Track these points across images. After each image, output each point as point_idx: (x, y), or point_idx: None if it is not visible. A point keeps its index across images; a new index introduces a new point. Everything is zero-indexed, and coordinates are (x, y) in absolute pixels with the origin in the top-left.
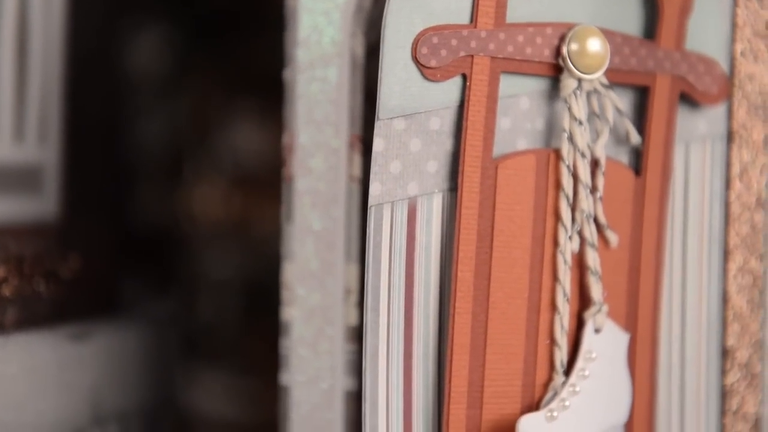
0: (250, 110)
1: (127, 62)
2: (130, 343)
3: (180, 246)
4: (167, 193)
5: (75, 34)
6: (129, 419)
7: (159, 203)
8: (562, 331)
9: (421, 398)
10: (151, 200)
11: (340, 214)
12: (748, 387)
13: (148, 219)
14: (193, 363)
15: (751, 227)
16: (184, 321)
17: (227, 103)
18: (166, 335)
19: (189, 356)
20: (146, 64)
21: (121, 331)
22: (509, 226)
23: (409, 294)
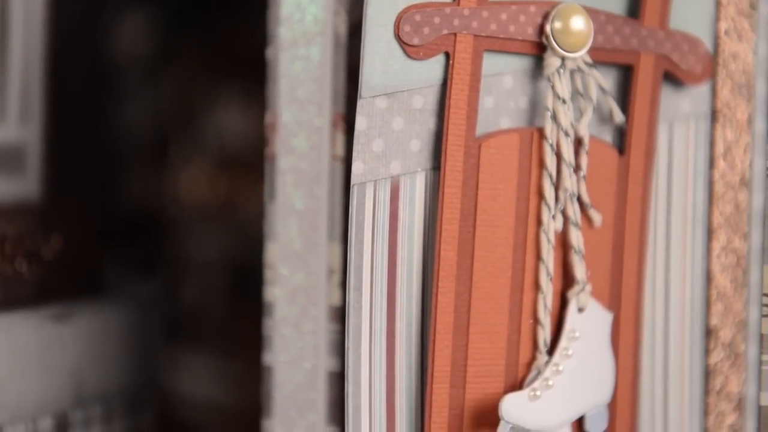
0: (235, 92)
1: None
2: (112, 324)
3: (165, 228)
4: (152, 175)
5: (57, 14)
6: (112, 400)
7: (144, 185)
8: (545, 310)
9: (404, 378)
10: (136, 182)
11: (323, 193)
12: (732, 366)
13: (133, 201)
14: (178, 345)
15: (734, 206)
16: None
17: (212, 85)
18: (149, 316)
19: (174, 338)
20: (130, 45)
21: (103, 312)
22: (492, 205)
23: (392, 273)
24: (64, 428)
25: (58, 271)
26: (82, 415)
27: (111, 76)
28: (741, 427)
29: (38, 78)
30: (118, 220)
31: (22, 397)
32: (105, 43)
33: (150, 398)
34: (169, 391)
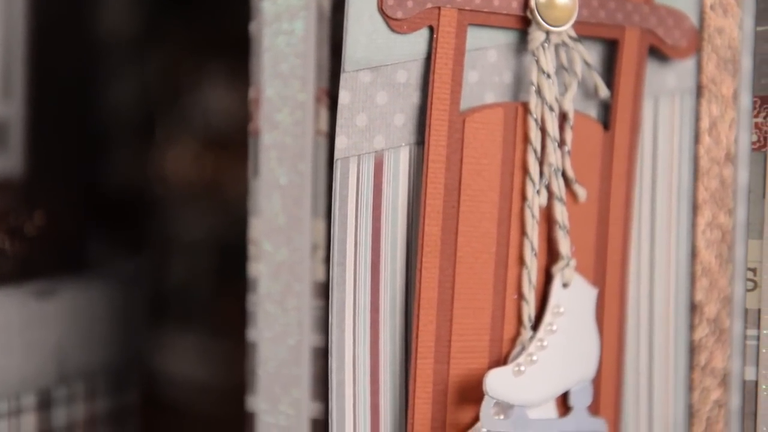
0: (220, 71)
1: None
2: (95, 301)
3: (151, 207)
4: (138, 154)
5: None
6: (95, 378)
7: (130, 164)
8: (529, 285)
9: (388, 353)
10: (122, 161)
11: (306, 168)
12: (717, 342)
13: (119, 179)
14: (164, 325)
15: (720, 182)
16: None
17: (198, 63)
18: (133, 294)
19: (160, 318)
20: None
21: (86, 289)
22: (477, 181)
23: (376, 248)
24: (47, 405)
25: (41, 247)
26: (65, 392)
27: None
28: (726, 402)
29: (20, 54)
30: (103, 198)
31: (5, 373)
32: (89, 21)
33: (134, 376)
34: (156, 371)
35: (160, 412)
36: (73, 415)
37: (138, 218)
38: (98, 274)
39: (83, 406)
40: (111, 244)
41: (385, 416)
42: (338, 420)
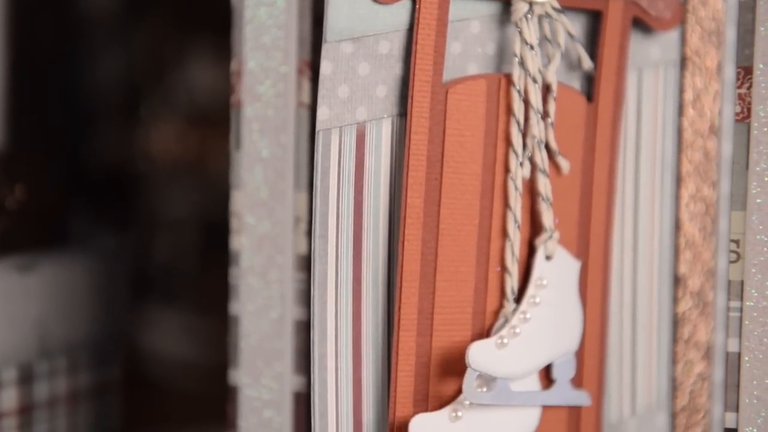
0: (205, 48)
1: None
2: (77, 276)
3: (136, 183)
4: (123, 130)
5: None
6: (77, 352)
7: (115, 141)
8: (512, 258)
9: (370, 326)
10: (106, 137)
11: (289, 141)
12: (700, 315)
13: (103, 156)
14: (149, 301)
15: (704, 155)
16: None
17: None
18: (114, 268)
19: (144, 295)
20: None
21: (68, 263)
22: (459, 152)
23: (358, 221)
24: (28, 379)
25: (22, 221)
26: (46, 366)
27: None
28: (709, 375)
29: (1, 30)
30: (87, 174)
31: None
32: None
33: (116, 351)
34: (140, 347)
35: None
36: (55, 389)
37: (122, 195)
38: (80, 249)
39: (65, 380)
40: (94, 219)
41: (368, 389)
42: (320, 393)
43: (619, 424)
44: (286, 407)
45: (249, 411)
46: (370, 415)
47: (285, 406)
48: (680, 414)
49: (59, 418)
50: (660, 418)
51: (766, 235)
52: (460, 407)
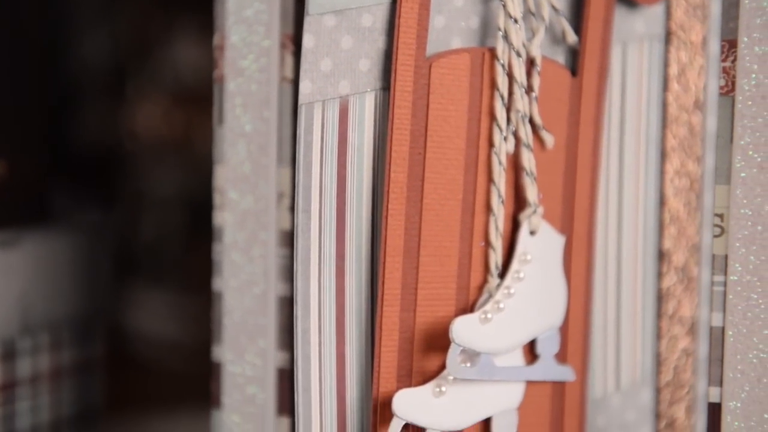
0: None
1: None
2: (60, 252)
3: (122, 162)
4: (109, 109)
5: None
6: (60, 329)
7: (101, 119)
8: (496, 233)
9: (353, 301)
10: (92, 115)
11: (272, 115)
12: (685, 291)
13: (89, 133)
14: (135, 280)
15: (688, 129)
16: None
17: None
18: (98, 245)
19: (130, 274)
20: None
21: (51, 239)
22: (443, 127)
23: (341, 195)
24: (11, 356)
25: (4, 197)
26: (29, 342)
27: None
28: (694, 350)
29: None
30: (72, 151)
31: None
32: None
33: (99, 328)
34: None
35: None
36: (38, 366)
37: (107, 172)
38: (63, 225)
39: (48, 357)
40: (78, 196)
41: (351, 364)
42: (304, 368)
43: (604, 400)
44: (269, 383)
45: (232, 387)
46: (354, 391)
47: (269, 382)
48: (664, 389)
49: (42, 394)
50: (644, 393)
51: (750, 209)
52: (444, 382)
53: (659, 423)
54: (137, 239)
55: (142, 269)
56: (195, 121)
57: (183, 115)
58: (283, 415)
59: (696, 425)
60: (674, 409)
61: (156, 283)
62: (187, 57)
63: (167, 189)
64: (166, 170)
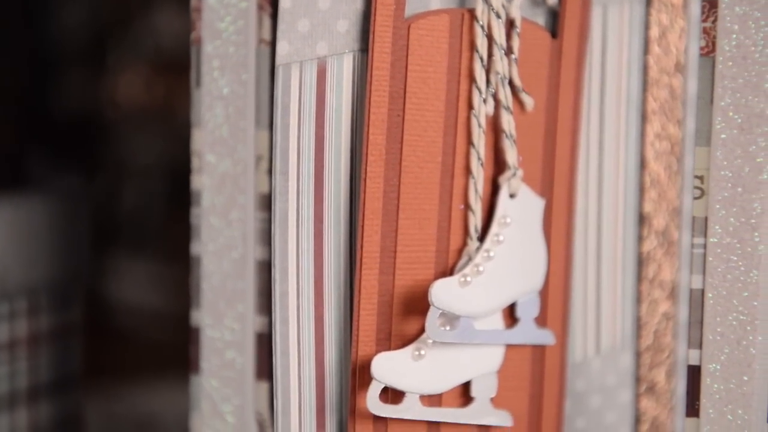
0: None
1: None
2: (38, 217)
3: (103, 131)
4: (90, 77)
5: None
6: (37, 294)
7: (81, 87)
8: (476, 196)
9: (332, 264)
10: (73, 84)
11: (250, 78)
12: (665, 255)
13: (69, 102)
14: (117, 250)
15: (669, 92)
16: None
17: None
18: (75, 211)
19: (112, 243)
20: None
21: (28, 204)
22: (422, 89)
23: (320, 158)
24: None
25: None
26: (7, 308)
27: None
28: (674, 314)
29: None
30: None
31: None
32: None
33: (78, 294)
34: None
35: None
36: (15, 331)
37: (87, 140)
38: (40, 191)
39: (26, 322)
40: (57, 163)
41: (330, 328)
42: (282, 331)
43: (584, 364)
44: (248, 348)
45: (211, 352)
46: (332, 354)
47: (248, 346)
48: (645, 353)
49: (20, 360)
50: (624, 357)
51: (731, 171)
52: (423, 346)
53: (639, 387)
54: (118, 208)
55: (123, 238)
56: (176, 89)
57: (163, 83)
58: (262, 380)
59: (676, 389)
60: (654, 372)
61: (137, 251)
62: (167, 24)
63: (148, 157)
64: (147, 138)
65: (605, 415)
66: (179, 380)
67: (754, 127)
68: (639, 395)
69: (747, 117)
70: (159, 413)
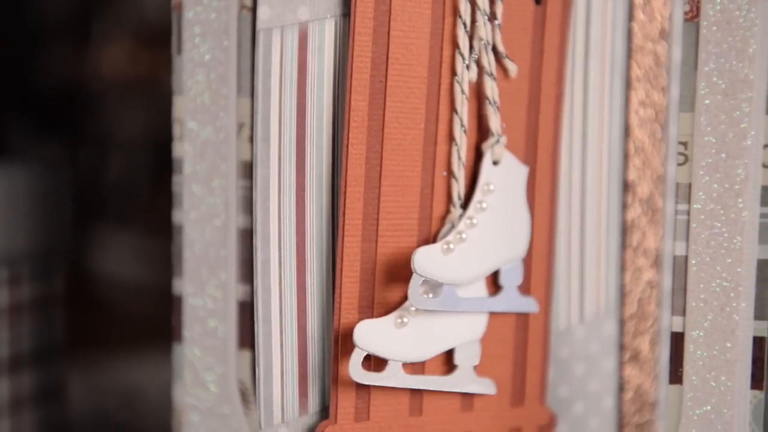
0: None
1: None
2: (19, 187)
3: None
4: (74, 49)
5: None
6: (19, 263)
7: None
8: (459, 163)
9: (314, 231)
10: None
11: (231, 45)
12: (650, 223)
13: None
14: (102, 223)
15: (653, 59)
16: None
17: None
18: (57, 181)
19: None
20: None
21: (9, 173)
22: (405, 54)
23: (301, 124)
24: None
25: None
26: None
27: None
28: (658, 282)
29: None
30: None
31: None
32: None
33: (60, 264)
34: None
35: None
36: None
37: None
38: (22, 161)
39: (7, 291)
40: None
41: (312, 295)
42: (264, 299)
43: (568, 332)
44: (231, 316)
45: (193, 320)
46: (315, 322)
47: (230, 315)
48: (629, 321)
49: (1, 329)
50: (608, 325)
51: (715, 137)
52: (406, 313)
53: (623, 355)
54: (102, 179)
55: (107, 210)
56: (160, 60)
57: (148, 54)
58: (245, 349)
59: (660, 357)
60: (638, 341)
61: (122, 224)
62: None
63: (133, 129)
64: (131, 110)
65: (589, 383)
66: (163, 352)
67: (738, 92)
68: (623, 363)
69: (731, 82)
70: (143, 385)
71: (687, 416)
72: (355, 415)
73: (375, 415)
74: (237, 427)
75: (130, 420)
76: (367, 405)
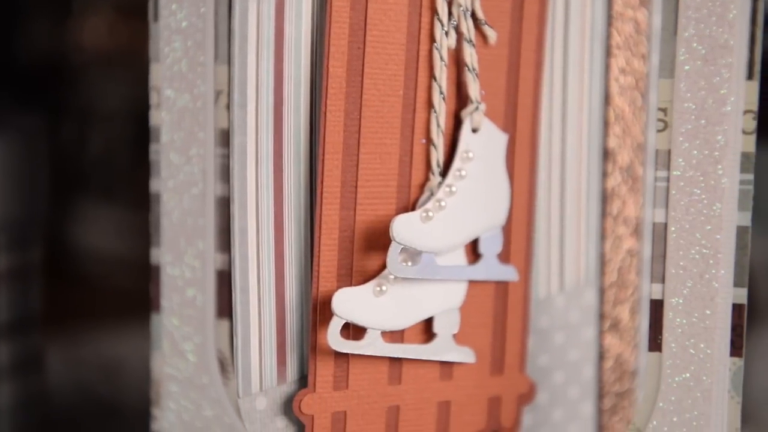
0: None
1: None
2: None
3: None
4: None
5: None
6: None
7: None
8: (438, 130)
9: (292, 200)
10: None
11: (209, 12)
12: (630, 191)
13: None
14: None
15: (634, 26)
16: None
17: None
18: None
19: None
20: None
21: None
22: (383, 20)
23: (279, 91)
24: None
25: None
26: None
27: None
28: (638, 251)
29: None
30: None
31: None
32: None
33: (37, 235)
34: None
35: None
36: None
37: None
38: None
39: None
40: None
41: (290, 264)
42: (242, 268)
43: (547, 300)
44: (209, 286)
45: (171, 290)
46: (293, 291)
47: (208, 284)
48: (609, 290)
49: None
50: (588, 294)
51: (694, 103)
52: (385, 281)
53: (603, 323)
54: (82, 152)
55: (87, 182)
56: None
57: (129, 26)
58: (224, 318)
59: (640, 326)
60: (618, 309)
61: (101, 196)
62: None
63: (113, 101)
64: (111, 82)
65: (569, 351)
66: (143, 325)
67: (718, 58)
68: (603, 332)
69: (711, 48)
70: (123, 357)
71: (666, 383)
72: (333, 383)
73: (354, 383)
74: (216, 396)
75: (110, 392)
76: (346, 373)
